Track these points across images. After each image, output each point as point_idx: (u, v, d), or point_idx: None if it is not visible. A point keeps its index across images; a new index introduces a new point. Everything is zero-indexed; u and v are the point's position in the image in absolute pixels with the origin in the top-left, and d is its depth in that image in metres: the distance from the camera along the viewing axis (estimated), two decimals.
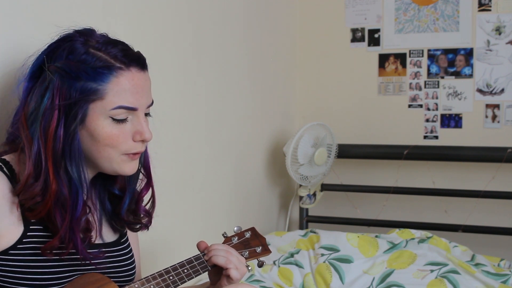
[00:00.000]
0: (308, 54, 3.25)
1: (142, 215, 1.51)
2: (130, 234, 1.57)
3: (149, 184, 1.50)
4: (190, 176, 2.36)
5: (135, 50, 1.38)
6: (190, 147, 2.36)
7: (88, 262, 1.35)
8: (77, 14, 1.72)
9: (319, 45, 3.23)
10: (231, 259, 1.47)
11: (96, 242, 1.41)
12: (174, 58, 2.23)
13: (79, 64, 1.28)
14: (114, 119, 1.31)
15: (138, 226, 1.52)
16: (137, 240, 1.63)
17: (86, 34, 1.34)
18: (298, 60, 3.27)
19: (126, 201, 1.46)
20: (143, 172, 1.49)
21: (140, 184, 1.50)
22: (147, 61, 1.38)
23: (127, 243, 1.52)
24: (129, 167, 1.38)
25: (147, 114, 1.39)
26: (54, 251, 1.31)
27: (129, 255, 1.51)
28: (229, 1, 2.60)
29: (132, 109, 1.32)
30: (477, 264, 2.38)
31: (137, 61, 1.34)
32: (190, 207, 2.37)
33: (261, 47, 2.89)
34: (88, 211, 1.35)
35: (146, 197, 1.52)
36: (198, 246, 1.53)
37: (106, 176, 1.45)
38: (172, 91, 2.22)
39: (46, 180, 1.28)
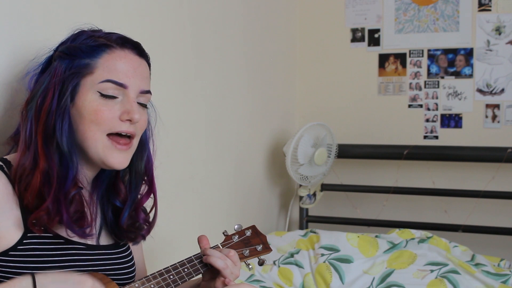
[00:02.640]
0: (308, 54, 3.25)
1: (140, 224, 1.50)
2: None
3: (150, 191, 1.49)
4: (190, 176, 2.36)
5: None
6: (190, 147, 2.36)
7: (96, 252, 1.36)
8: (76, 15, 1.72)
9: (319, 45, 3.23)
10: (228, 263, 1.46)
11: (94, 244, 1.40)
12: (174, 58, 2.23)
13: (77, 45, 1.34)
14: (102, 94, 1.32)
15: (134, 236, 1.49)
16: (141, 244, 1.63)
17: (93, 31, 1.40)
18: (298, 60, 3.27)
19: (127, 208, 1.45)
20: (145, 179, 1.49)
21: (142, 191, 1.49)
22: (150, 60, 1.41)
23: (127, 246, 1.52)
24: (116, 158, 1.35)
25: (143, 106, 1.39)
26: (54, 240, 1.30)
27: (129, 258, 1.50)
28: (229, 1, 2.60)
29: (120, 85, 1.33)
30: (477, 264, 2.38)
31: (133, 45, 1.37)
32: (190, 207, 2.37)
33: (261, 47, 2.89)
34: (78, 188, 1.34)
35: (148, 207, 1.51)
36: (199, 240, 1.52)
37: (110, 189, 1.45)
38: (172, 91, 2.22)
39: (35, 153, 1.29)
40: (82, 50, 1.33)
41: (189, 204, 2.36)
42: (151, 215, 1.53)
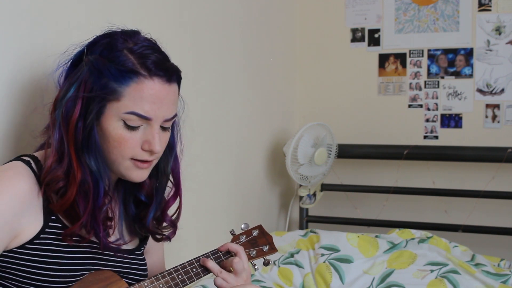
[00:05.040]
0: (308, 54, 3.25)
1: (167, 225, 1.51)
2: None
3: (177, 193, 1.51)
4: (190, 176, 2.35)
5: (171, 62, 1.38)
6: (190, 147, 2.35)
7: (107, 252, 1.37)
8: (76, 13, 1.72)
9: (319, 45, 3.23)
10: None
11: (113, 246, 1.41)
12: (173, 58, 2.22)
13: (107, 62, 1.30)
14: (126, 124, 1.31)
15: (160, 237, 1.52)
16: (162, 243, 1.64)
17: (129, 35, 1.36)
18: (298, 60, 3.27)
19: (153, 210, 1.46)
20: (172, 180, 1.49)
21: (168, 193, 1.50)
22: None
23: (143, 256, 1.53)
24: (136, 175, 1.37)
25: (165, 129, 1.38)
26: (74, 238, 1.32)
27: (144, 267, 1.51)
28: (229, 1, 2.60)
29: (145, 118, 1.32)
30: (477, 264, 2.38)
31: (164, 72, 1.33)
32: (190, 207, 2.36)
33: (261, 47, 2.89)
34: (108, 201, 1.36)
35: (173, 207, 1.53)
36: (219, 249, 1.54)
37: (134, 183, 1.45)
38: None
39: (69, 164, 1.30)
40: (111, 72, 1.29)
41: (189, 204, 2.35)
42: (175, 216, 1.54)
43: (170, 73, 1.35)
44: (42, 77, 1.51)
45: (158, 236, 1.51)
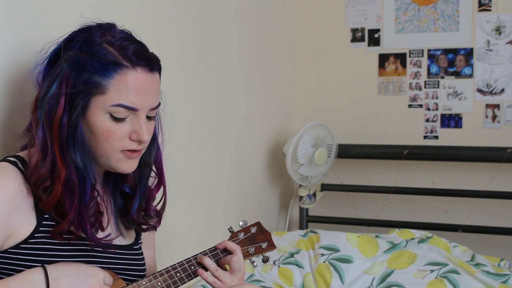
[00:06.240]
0: (308, 54, 3.25)
1: (152, 215, 1.51)
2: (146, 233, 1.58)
3: (160, 183, 1.51)
4: (190, 176, 2.36)
5: (150, 51, 1.38)
6: (190, 147, 2.36)
7: (100, 249, 1.37)
8: (76, 12, 1.71)
9: (319, 45, 3.23)
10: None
11: (103, 242, 1.41)
12: (173, 58, 2.23)
13: (88, 56, 1.30)
14: (112, 116, 1.31)
15: (146, 227, 1.52)
16: (154, 237, 1.65)
17: (105, 28, 1.35)
18: (298, 60, 3.27)
19: (137, 200, 1.47)
20: (154, 170, 1.50)
21: (152, 183, 1.51)
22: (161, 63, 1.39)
23: (140, 250, 1.53)
24: (126, 166, 1.38)
25: (150, 118, 1.38)
26: (64, 236, 1.32)
27: (142, 262, 1.52)
28: (229, 1, 2.60)
29: (132, 109, 1.32)
30: (477, 264, 2.39)
31: (146, 61, 1.33)
32: (190, 207, 2.36)
33: (261, 47, 2.89)
34: (96, 194, 1.36)
35: (158, 197, 1.53)
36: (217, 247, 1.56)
37: (117, 175, 1.45)
38: (172, 91, 2.21)
39: (53, 162, 1.30)
40: (93, 66, 1.29)
41: (189, 204, 2.36)
42: (160, 206, 1.54)
43: (151, 62, 1.35)
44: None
45: (144, 227, 1.51)
